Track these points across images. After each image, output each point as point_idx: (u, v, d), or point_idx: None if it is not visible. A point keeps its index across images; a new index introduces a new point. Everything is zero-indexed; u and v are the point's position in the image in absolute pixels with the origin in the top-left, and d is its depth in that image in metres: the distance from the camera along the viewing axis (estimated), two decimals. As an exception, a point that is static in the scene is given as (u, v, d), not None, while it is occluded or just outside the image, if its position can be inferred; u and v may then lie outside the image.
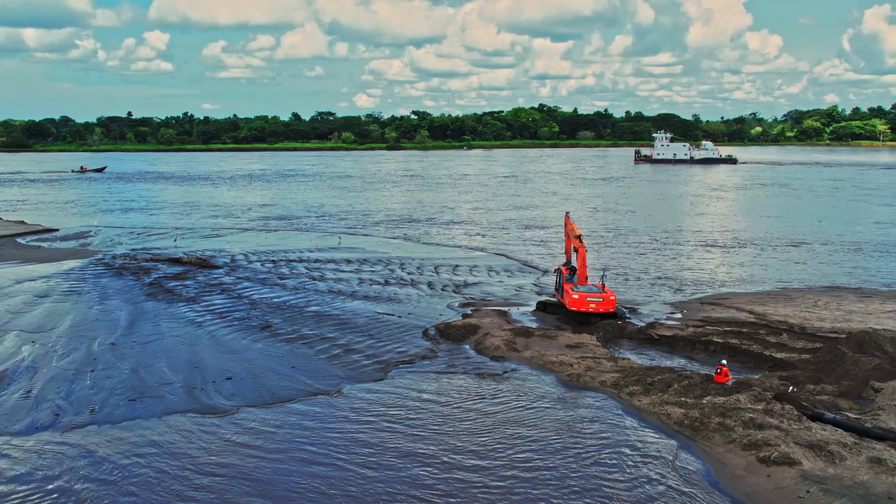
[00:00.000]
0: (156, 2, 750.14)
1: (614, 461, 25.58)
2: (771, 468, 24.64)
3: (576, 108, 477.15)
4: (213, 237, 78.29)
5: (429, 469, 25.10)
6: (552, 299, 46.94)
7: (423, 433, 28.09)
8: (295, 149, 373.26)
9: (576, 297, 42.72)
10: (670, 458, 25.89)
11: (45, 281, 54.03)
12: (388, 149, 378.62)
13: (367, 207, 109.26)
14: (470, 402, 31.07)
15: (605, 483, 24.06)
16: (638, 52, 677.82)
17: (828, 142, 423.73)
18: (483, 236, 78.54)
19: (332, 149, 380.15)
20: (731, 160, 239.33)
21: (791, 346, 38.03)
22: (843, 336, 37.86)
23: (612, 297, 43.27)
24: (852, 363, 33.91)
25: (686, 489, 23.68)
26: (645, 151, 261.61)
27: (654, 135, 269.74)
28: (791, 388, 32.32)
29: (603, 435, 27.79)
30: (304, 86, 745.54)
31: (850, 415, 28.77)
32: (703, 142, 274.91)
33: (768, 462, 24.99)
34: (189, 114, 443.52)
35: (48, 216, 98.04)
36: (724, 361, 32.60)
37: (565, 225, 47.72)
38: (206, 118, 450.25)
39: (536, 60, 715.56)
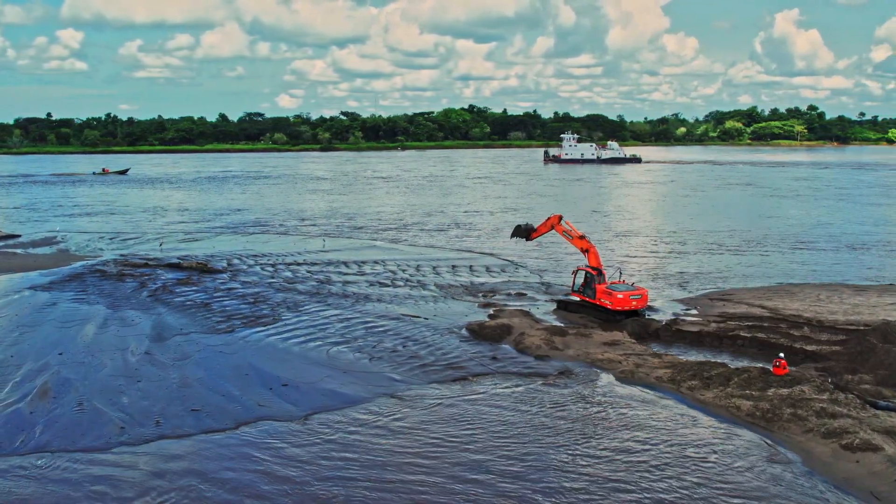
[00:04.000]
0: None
1: (708, 456, 26.44)
2: (857, 454, 25.93)
3: (505, 110, 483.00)
4: (191, 241, 76.42)
5: (565, 474, 25.46)
6: (573, 298, 47.74)
7: (533, 446, 27.79)
8: (226, 150, 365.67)
9: (620, 296, 43.85)
10: (758, 449, 26.90)
11: (45, 289, 51.89)
12: (322, 150, 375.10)
13: (335, 210, 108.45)
14: (552, 408, 31.12)
15: (711, 476, 24.89)
16: (559, 53, 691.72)
17: (749, 142, 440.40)
18: (461, 238, 78.91)
19: (264, 150, 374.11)
20: (635, 160, 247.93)
21: (816, 339, 39.79)
22: (863, 328, 39.78)
23: (646, 295, 44.75)
24: (885, 353, 35.68)
25: (788, 478, 24.76)
26: (553, 151, 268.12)
27: (562, 135, 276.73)
28: (829, 379, 33.91)
29: (685, 430, 28.64)
30: (225, 86, 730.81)
31: (901, 402, 30.43)
32: (609, 142, 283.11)
33: (853, 449, 26.29)
34: (112, 115, 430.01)
35: None
36: (782, 354, 33.90)
37: (554, 230, 49.06)
38: (131, 119, 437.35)
39: (460, 61, 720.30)
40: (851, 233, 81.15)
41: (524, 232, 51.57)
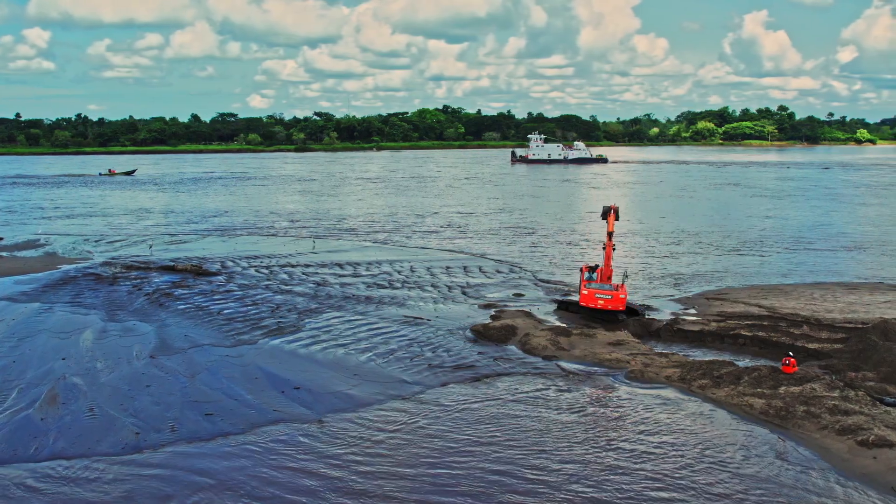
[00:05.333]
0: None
1: (733, 454, 26.79)
2: (873, 451, 26.48)
3: (479, 110, 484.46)
4: (180, 243, 75.60)
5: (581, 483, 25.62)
6: (571, 298, 48.07)
7: (554, 450, 27.94)
8: (199, 151, 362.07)
9: (586, 293, 45.09)
10: (777, 446, 27.33)
11: (39, 294, 51.03)
12: (297, 150, 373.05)
13: (322, 211, 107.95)
14: (571, 409, 31.29)
15: (737, 475, 25.24)
16: (531, 54, 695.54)
17: (720, 142, 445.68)
18: (451, 239, 78.96)
19: (238, 151, 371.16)
20: (602, 160, 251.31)
21: (817, 337, 40.45)
22: (862, 326, 40.55)
23: (621, 296, 44.89)
24: (886, 351, 36.41)
25: (811, 475, 25.17)
26: (520, 152, 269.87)
27: (529, 136, 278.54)
28: (834, 376, 34.51)
29: (704, 430, 28.98)
30: (196, 86, 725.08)
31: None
32: (576, 143, 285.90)
33: (868, 445, 26.83)
34: (83, 115, 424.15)
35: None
36: (791, 353, 34.41)
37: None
38: (101, 119, 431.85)
39: (432, 61, 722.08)
40: (833, 233, 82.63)
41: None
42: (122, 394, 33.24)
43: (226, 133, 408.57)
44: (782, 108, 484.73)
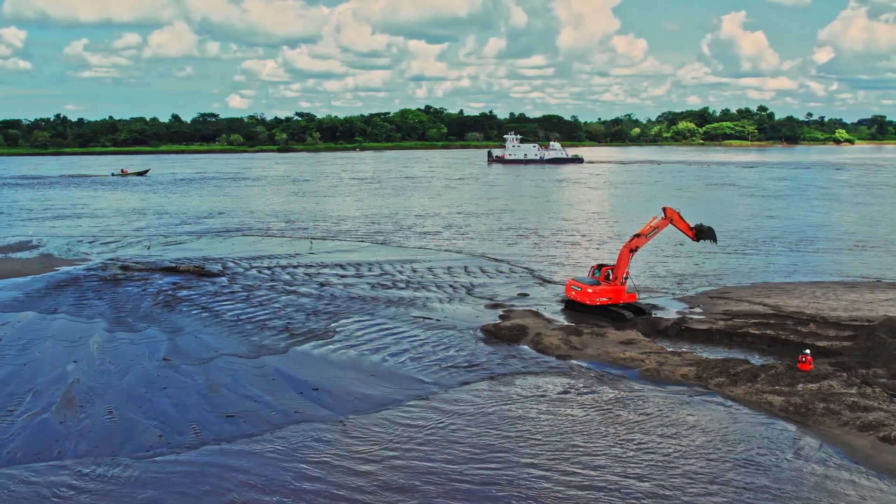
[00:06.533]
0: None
1: (756, 450, 27.12)
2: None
3: (461, 110, 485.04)
4: (176, 244, 75.12)
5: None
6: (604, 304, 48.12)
7: (591, 451, 28.22)
8: (181, 151, 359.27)
9: (565, 285, 48.14)
10: (800, 442, 27.66)
11: (42, 295, 50.50)
12: (279, 151, 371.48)
13: (315, 211, 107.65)
14: (595, 409, 31.39)
15: (764, 470, 25.56)
16: (511, 54, 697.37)
17: (701, 142, 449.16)
18: (449, 239, 79.07)
19: (220, 151, 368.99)
20: (577, 160, 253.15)
21: (825, 335, 40.94)
22: (868, 323, 41.07)
23: (589, 291, 46.00)
24: (895, 348, 36.91)
25: (839, 470, 25.51)
26: (497, 152, 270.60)
27: (505, 136, 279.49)
28: (845, 374, 34.93)
29: (724, 426, 29.26)
30: (175, 86, 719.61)
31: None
32: (552, 143, 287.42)
33: (891, 441, 27.26)
34: (63, 116, 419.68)
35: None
36: (808, 350, 34.80)
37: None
38: (81, 120, 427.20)
39: (412, 62, 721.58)
40: (829, 232, 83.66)
41: (709, 233, 48.12)
42: (138, 396, 33.00)
43: (207, 133, 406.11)
44: (762, 108, 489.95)
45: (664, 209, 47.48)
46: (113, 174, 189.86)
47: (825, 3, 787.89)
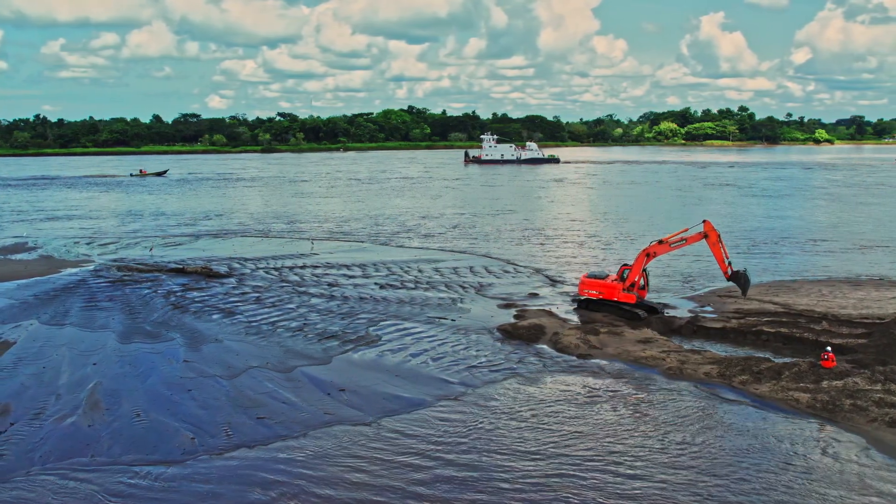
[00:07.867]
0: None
1: (791, 447, 27.41)
2: (926, 441, 27.22)
3: (444, 111, 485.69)
4: (176, 245, 74.54)
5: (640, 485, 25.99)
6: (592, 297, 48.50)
7: (630, 451, 28.56)
8: (163, 152, 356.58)
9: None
10: (831, 438, 27.99)
11: (52, 297, 49.95)
12: (263, 151, 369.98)
13: (309, 212, 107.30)
14: (627, 409, 31.52)
15: (802, 467, 25.88)
16: (492, 54, 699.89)
17: (682, 142, 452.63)
18: (450, 240, 79.13)
19: (203, 152, 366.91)
20: (554, 160, 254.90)
21: (839, 333, 41.42)
22: (880, 321, 41.65)
23: (582, 281, 47.71)
24: (911, 345, 37.43)
25: (874, 465, 25.82)
26: (474, 152, 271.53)
27: (482, 136, 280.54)
28: (865, 370, 35.36)
29: (756, 424, 29.53)
30: (154, 86, 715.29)
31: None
32: (528, 143, 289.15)
33: (921, 436, 27.57)
34: (42, 116, 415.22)
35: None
36: (829, 348, 35.19)
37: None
38: (61, 120, 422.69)
39: (393, 62, 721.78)
40: (826, 231, 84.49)
41: (744, 280, 46.04)
42: (165, 398, 32.79)
43: (189, 134, 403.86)
44: (743, 108, 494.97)
45: (704, 223, 44.83)
46: (132, 175, 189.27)
47: (802, 4, 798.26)
